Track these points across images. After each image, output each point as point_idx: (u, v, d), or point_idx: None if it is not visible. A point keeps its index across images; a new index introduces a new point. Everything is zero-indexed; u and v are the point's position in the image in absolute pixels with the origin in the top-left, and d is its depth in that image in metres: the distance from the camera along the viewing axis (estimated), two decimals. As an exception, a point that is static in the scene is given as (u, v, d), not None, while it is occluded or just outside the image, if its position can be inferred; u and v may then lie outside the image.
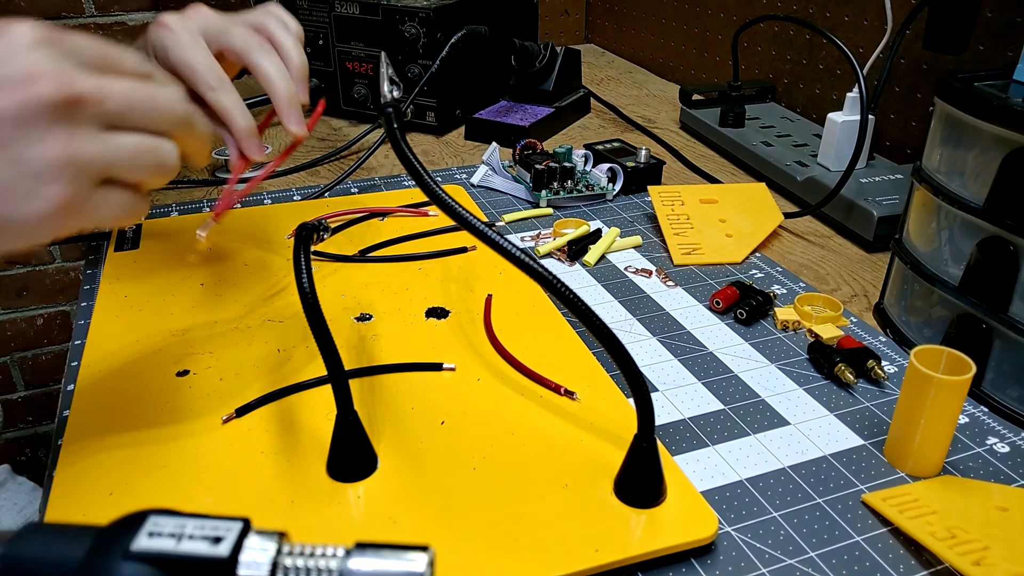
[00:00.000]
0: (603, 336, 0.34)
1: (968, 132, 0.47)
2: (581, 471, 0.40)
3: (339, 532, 0.37)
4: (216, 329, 0.52)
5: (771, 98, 0.98)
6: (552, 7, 1.38)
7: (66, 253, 1.29)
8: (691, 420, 0.46)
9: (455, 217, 0.35)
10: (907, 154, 0.80)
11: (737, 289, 0.57)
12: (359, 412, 0.40)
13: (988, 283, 0.46)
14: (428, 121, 0.93)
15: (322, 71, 0.96)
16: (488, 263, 0.61)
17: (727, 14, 1.05)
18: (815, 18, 0.90)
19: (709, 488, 0.41)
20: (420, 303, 0.56)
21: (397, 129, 0.39)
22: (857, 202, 0.67)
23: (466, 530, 0.37)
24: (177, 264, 0.60)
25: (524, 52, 0.93)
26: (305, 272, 0.40)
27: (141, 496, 0.39)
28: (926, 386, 0.40)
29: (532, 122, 0.90)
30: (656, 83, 1.18)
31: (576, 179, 0.74)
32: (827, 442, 0.44)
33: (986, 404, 0.48)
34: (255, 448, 0.42)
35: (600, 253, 0.64)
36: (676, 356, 0.52)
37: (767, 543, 0.38)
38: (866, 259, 0.66)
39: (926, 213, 0.51)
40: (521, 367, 0.48)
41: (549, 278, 0.34)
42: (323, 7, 0.92)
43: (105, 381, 0.47)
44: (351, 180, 0.80)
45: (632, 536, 0.37)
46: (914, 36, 0.76)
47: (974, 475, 0.42)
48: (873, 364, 0.49)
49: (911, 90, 0.79)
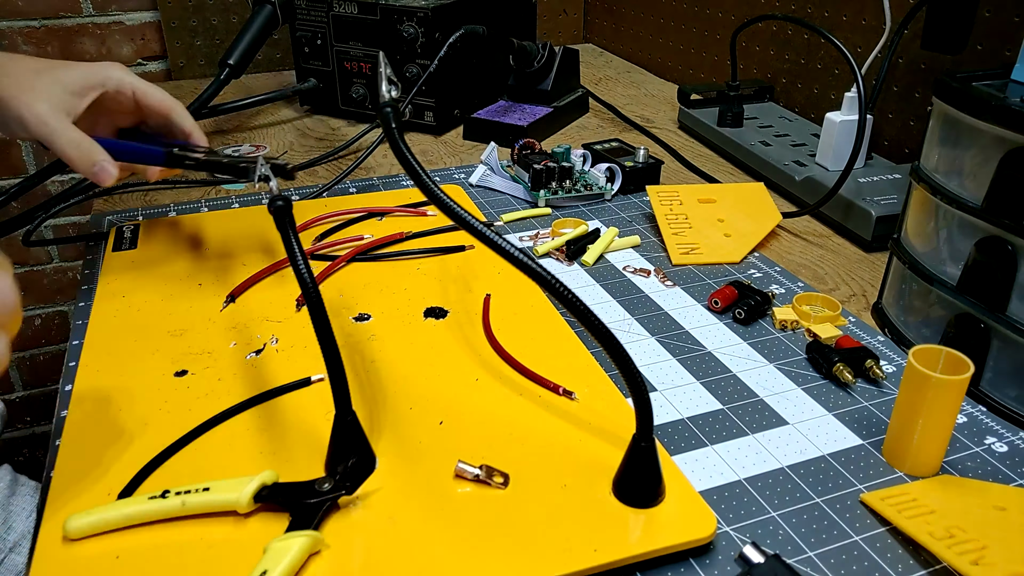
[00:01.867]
0: (601, 336, 0.34)
1: (966, 132, 0.47)
2: (580, 471, 0.40)
3: (338, 532, 0.37)
4: (214, 329, 0.52)
5: (769, 98, 0.98)
6: (550, 7, 1.38)
7: (64, 253, 1.29)
8: (690, 420, 0.46)
9: (453, 217, 0.35)
10: (905, 154, 0.81)
11: (736, 289, 0.57)
12: (358, 412, 0.40)
13: (986, 283, 0.46)
14: (426, 121, 0.93)
15: (320, 71, 0.96)
16: (487, 263, 0.61)
17: (725, 14, 1.05)
18: (813, 18, 0.90)
19: (708, 488, 0.41)
20: (418, 303, 0.56)
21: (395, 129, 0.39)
22: (855, 202, 0.67)
23: (465, 530, 0.37)
24: (176, 264, 0.60)
25: (522, 52, 0.93)
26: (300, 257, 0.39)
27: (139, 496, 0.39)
28: (924, 386, 0.40)
29: (530, 122, 0.90)
30: (654, 83, 1.18)
31: (574, 179, 0.74)
32: (825, 442, 0.44)
33: (984, 403, 0.48)
34: (254, 448, 0.42)
35: (598, 253, 0.64)
36: (675, 356, 0.52)
37: (766, 543, 0.38)
38: (864, 259, 0.66)
39: (924, 213, 0.51)
40: (520, 367, 0.48)
41: (548, 278, 0.34)
42: (321, 7, 0.92)
43: (103, 381, 0.47)
44: (349, 180, 0.80)
45: (631, 536, 0.37)
46: (912, 36, 0.76)
47: (972, 474, 0.42)
48: (871, 364, 0.49)
49: (909, 90, 0.79)
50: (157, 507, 0.37)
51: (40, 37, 1.16)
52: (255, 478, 0.37)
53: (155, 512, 0.37)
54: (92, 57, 1.20)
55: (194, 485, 0.37)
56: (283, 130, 0.96)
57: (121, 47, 1.21)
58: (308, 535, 0.35)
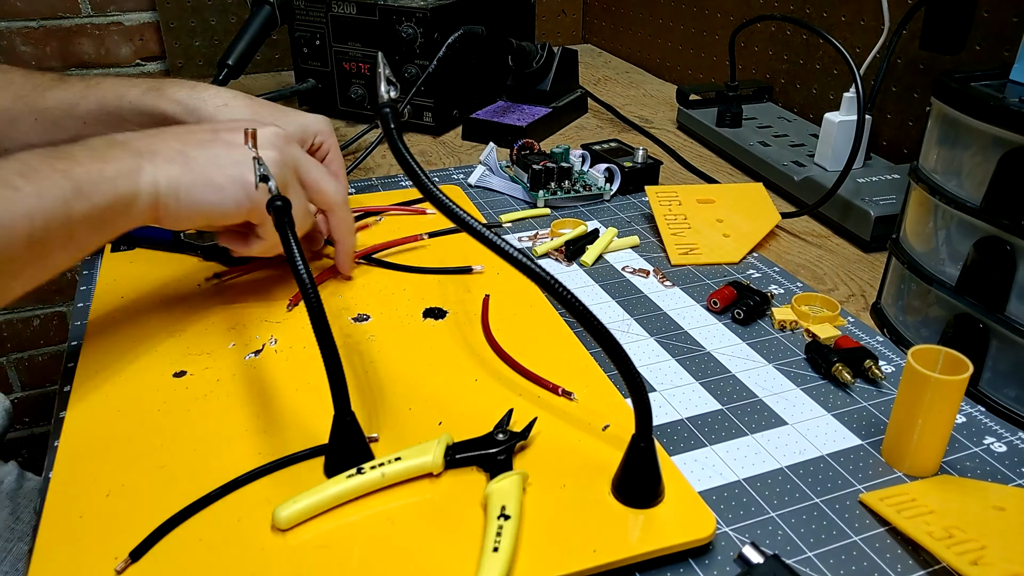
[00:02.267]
0: (600, 336, 0.34)
1: (965, 132, 0.47)
2: (579, 471, 0.40)
3: (337, 532, 0.37)
4: (213, 330, 0.52)
5: (768, 98, 0.98)
6: (549, 7, 1.38)
7: (63, 254, 1.29)
8: (689, 420, 0.46)
9: (453, 218, 0.35)
10: (904, 154, 0.81)
11: (734, 289, 0.57)
12: (357, 413, 0.40)
13: (985, 283, 0.46)
14: (425, 121, 0.93)
15: (319, 71, 0.96)
16: (486, 263, 0.61)
17: (724, 14, 1.05)
18: (812, 18, 0.90)
19: (707, 488, 0.41)
20: (417, 304, 0.56)
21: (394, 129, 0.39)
22: (854, 202, 0.67)
23: (465, 530, 0.37)
24: (174, 264, 0.60)
25: (521, 52, 0.93)
26: (299, 257, 0.39)
27: (138, 497, 0.39)
28: (923, 386, 0.40)
29: (529, 122, 0.90)
30: (653, 83, 1.18)
31: (573, 179, 0.74)
32: (825, 442, 0.44)
33: (983, 404, 0.48)
34: (252, 449, 0.42)
35: (597, 253, 0.64)
36: (674, 356, 0.52)
37: (765, 543, 0.38)
38: (863, 259, 0.66)
39: (923, 213, 0.51)
40: (519, 367, 0.48)
41: (547, 278, 0.34)
42: (320, 7, 0.92)
43: (102, 382, 0.47)
44: (349, 180, 0.80)
45: (630, 536, 0.37)
46: (911, 36, 0.76)
47: (971, 474, 0.42)
48: (870, 364, 0.49)
49: (908, 90, 0.79)
50: (360, 482, 0.38)
51: (39, 38, 1.16)
52: (438, 440, 0.40)
53: (359, 487, 0.38)
54: (91, 58, 1.20)
55: (385, 458, 0.39)
56: (282, 130, 0.96)
57: (120, 48, 1.21)
58: (520, 472, 0.38)
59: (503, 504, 0.36)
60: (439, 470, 0.40)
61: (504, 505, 0.36)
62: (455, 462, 0.40)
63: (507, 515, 0.36)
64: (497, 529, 0.35)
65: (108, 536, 0.36)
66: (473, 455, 0.40)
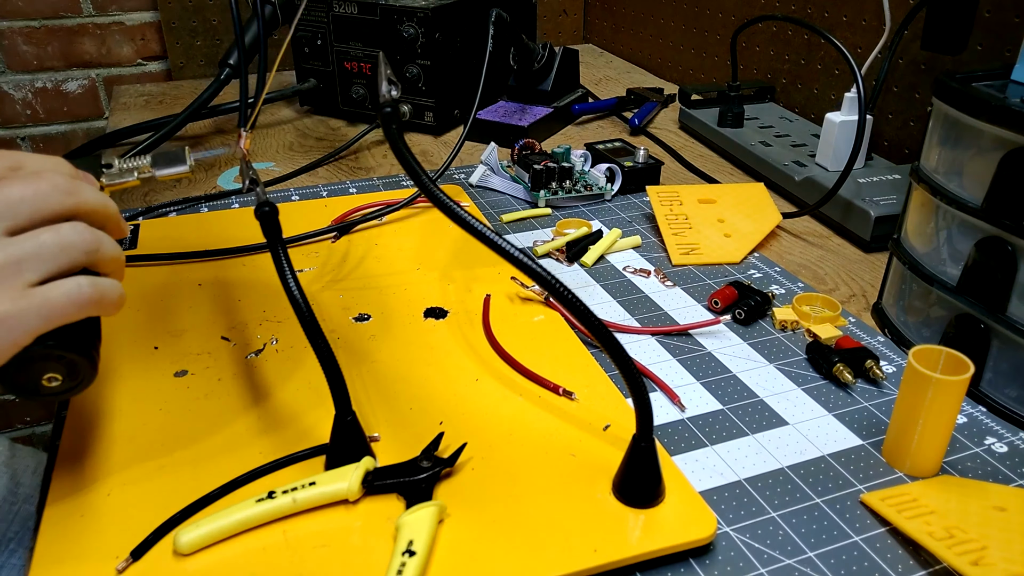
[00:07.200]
0: (601, 336, 0.34)
1: (966, 132, 0.47)
2: (579, 471, 0.40)
3: (337, 532, 0.37)
4: (214, 329, 0.52)
5: (770, 98, 0.98)
6: (550, 7, 1.38)
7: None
8: (689, 420, 0.46)
9: (453, 217, 0.35)
10: (905, 154, 0.81)
11: (736, 289, 0.57)
12: (357, 412, 0.40)
13: (986, 283, 0.46)
14: (426, 121, 0.93)
15: (320, 71, 0.96)
16: (486, 262, 0.61)
17: (725, 14, 1.05)
18: (813, 18, 0.90)
19: (708, 488, 0.41)
20: (418, 303, 0.56)
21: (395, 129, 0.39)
22: (855, 202, 0.67)
23: (465, 530, 0.37)
24: (175, 264, 0.60)
25: (524, 51, 0.93)
26: (287, 266, 0.39)
27: (139, 497, 0.39)
28: (924, 386, 0.40)
29: (531, 122, 0.90)
30: (654, 83, 1.18)
31: (575, 179, 0.74)
32: (825, 442, 0.44)
33: (984, 404, 0.48)
34: (253, 448, 0.42)
35: (599, 254, 0.64)
36: (674, 356, 0.52)
37: (766, 543, 0.38)
38: (864, 259, 0.66)
39: (924, 213, 0.51)
40: (519, 367, 0.48)
41: (548, 278, 0.34)
42: (321, 7, 0.92)
43: (103, 382, 0.47)
44: (349, 180, 0.80)
45: (631, 536, 0.37)
46: (912, 36, 0.76)
47: (972, 475, 0.42)
48: (871, 364, 0.49)
49: (909, 90, 0.79)
50: (269, 508, 0.36)
51: (40, 37, 1.16)
52: (357, 466, 0.38)
53: (268, 513, 0.36)
54: (92, 57, 1.20)
55: (298, 482, 0.38)
56: (283, 130, 0.96)
57: (121, 47, 1.21)
58: (435, 504, 0.37)
59: (411, 539, 0.35)
60: (355, 496, 0.38)
61: (412, 540, 0.35)
62: (374, 488, 0.38)
63: (412, 551, 0.34)
64: (399, 566, 0.33)
65: (109, 535, 0.37)
66: (392, 482, 0.39)
